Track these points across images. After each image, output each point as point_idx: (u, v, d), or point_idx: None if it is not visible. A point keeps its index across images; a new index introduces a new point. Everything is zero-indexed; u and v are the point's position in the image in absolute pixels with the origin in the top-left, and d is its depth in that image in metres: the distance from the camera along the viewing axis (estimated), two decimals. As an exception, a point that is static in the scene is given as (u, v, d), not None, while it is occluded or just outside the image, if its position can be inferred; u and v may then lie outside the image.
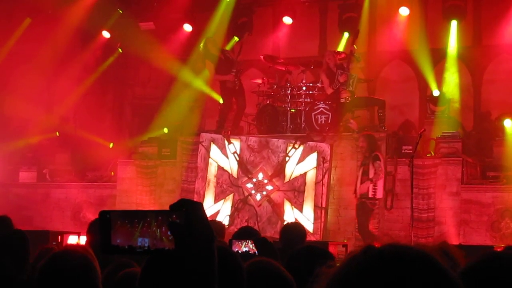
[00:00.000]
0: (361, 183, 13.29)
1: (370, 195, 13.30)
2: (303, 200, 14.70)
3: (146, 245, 1.82)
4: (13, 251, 5.61)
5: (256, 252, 4.57)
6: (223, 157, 15.55)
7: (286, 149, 14.98)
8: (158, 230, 1.82)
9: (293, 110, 15.50)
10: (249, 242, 4.60)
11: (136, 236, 1.82)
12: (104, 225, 1.83)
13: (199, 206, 1.86)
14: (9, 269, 4.94)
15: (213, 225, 6.31)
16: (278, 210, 14.86)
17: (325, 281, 1.59)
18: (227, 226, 14.17)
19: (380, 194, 13.47)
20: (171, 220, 1.82)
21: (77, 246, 5.04)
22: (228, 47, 17.49)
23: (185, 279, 1.80)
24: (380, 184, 13.41)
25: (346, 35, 18.08)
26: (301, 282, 3.22)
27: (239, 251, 4.56)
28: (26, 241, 5.86)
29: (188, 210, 1.83)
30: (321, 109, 15.02)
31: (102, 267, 3.96)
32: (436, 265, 1.55)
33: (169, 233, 1.81)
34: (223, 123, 16.21)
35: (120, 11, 19.34)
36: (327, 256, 4.48)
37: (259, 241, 4.65)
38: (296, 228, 8.04)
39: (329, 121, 14.93)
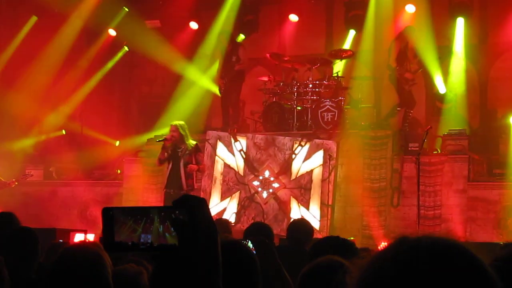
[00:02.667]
0: (186, 177, 13.24)
1: (195, 187, 13.74)
2: (309, 198, 14.70)
3: (149, 241, 1.81)
4: (22, 249, 5.62)
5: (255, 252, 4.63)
6: (230, 155, 15.56)
7: (293, 146, 14.99)
8: (161, 227, 1.82)
9: (300, 108, 15.50)
10: (248, 242, 4.65)
11: (138, 233, 1.81)
12: (107, 222, 1.83)
13: (202, 203, 1.86)
14: (18, 268, 4.95)
15: (219, 223, 6.42)
16: (284, 208, 14.86)
17: (358, 273, 1.58)
18: (233, 224, 14.20)
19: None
20: (174, 217, 1.81)
21: (88, 242, 5.04)
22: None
23: (188, 276, 1.80)
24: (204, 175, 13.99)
25: (352, 32, 18.08)
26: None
27: None
28: (35, 239, 5.88)
29: (192, 206, 1.83)
30: (328, 106, 15.04)
31: (113, 264, 3.97)
32: (473, 259, 1.55)
33: (172, 229, 1.81)
34: (226, 121, 16.27)
35: (126, 9, 19.35)
36: (353, 249, 4.52)
37: (257, 242, 4.70)
38: (303, 225, 8.06)
39: (336, 119, 14.96)
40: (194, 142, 13.52)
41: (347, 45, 17.76)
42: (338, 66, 16.76)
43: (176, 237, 1.81)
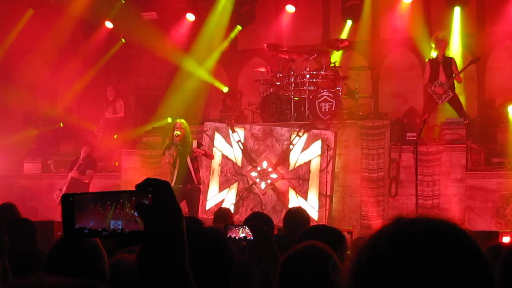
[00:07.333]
0: (195, 172, 13.26)
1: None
2: (307, 188, 14.71)
3: (120, 227, 1.77)
4: (22, 239, 5.61)
5: (252, 238, 4.66)
6: (227, 146, 15.55)
7: (290, 137, 14.99)
8: (132, 212, 1.78)
9: (297, 98, 15.50)
10: (246, 228, 4.67)
11: (108, 219, 1.77)
12: (67, 209, 1.77)
13: (165, 185, 1.82)
14: (21, 257, 4.94)
15: (220, 212, 6.44)
16: (282, 198, 14.86)
17: (356, 250, 1.63)
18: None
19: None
20: (138, 202, 1.78)
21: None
22: (231, 36, 17.77)
23: (154, 259, 1.77)
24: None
25: (349, 23, 18.04)
26: None
27: (237, 237, 4.63)
28: (34, 230, 5.88)
29: (155, 189, 1.79)
30: (325, 97, 15.03)
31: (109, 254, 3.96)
32: (467, 240, 1.57)
33: (135, 213, 1.78)
34: None
35: (123, 1, 19.30)
36: (340, 237, 4.54)
37: (254, 228, 4.72)
38: (299, 213, 8.06)
39: (333, 109, 14.95)
40: (192, 140, 13.58)
41: (344, 35, 17.72)
42: (335, 56, 16.76)
43: None
